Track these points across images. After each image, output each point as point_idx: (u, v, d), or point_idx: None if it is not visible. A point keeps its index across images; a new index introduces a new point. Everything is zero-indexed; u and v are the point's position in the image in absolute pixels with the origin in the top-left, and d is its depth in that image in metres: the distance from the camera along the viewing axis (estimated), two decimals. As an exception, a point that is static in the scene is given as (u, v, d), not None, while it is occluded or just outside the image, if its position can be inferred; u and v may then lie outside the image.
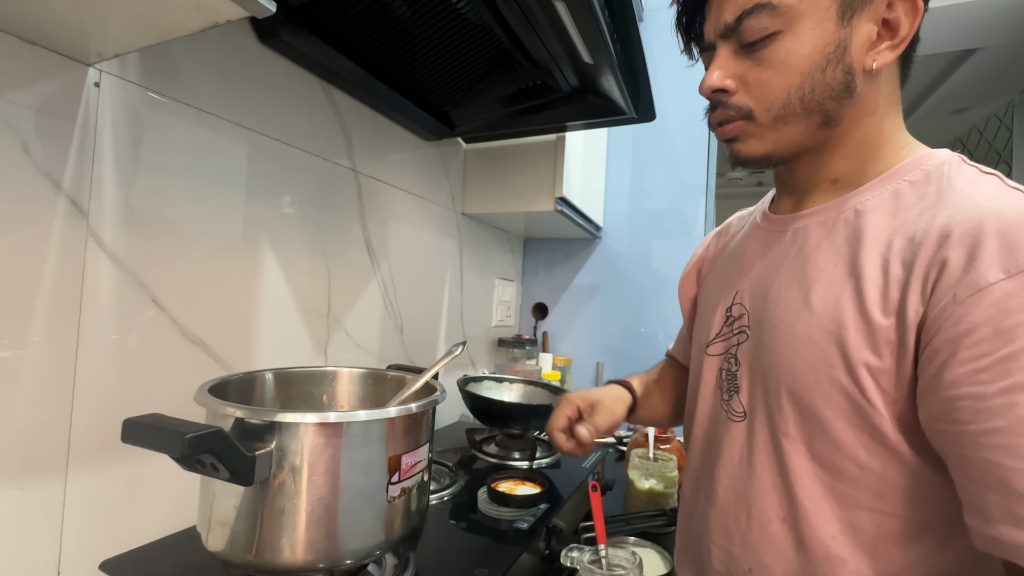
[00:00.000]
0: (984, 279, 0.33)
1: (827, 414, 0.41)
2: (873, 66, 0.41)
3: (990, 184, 0.38)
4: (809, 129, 0.44)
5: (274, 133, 0.73)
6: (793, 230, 0.49)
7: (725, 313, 0.53)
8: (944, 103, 2.92)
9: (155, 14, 0.41)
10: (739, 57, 0.44)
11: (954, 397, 0.33)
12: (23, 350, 0.47)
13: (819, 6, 0.41)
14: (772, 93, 0.43)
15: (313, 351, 0.82)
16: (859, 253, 0.41)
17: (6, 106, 0.45)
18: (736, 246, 0.57)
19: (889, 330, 0.37)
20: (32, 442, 0.48)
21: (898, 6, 0.40)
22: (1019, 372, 0.31)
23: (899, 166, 0.43)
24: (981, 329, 0.32)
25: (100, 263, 0.53)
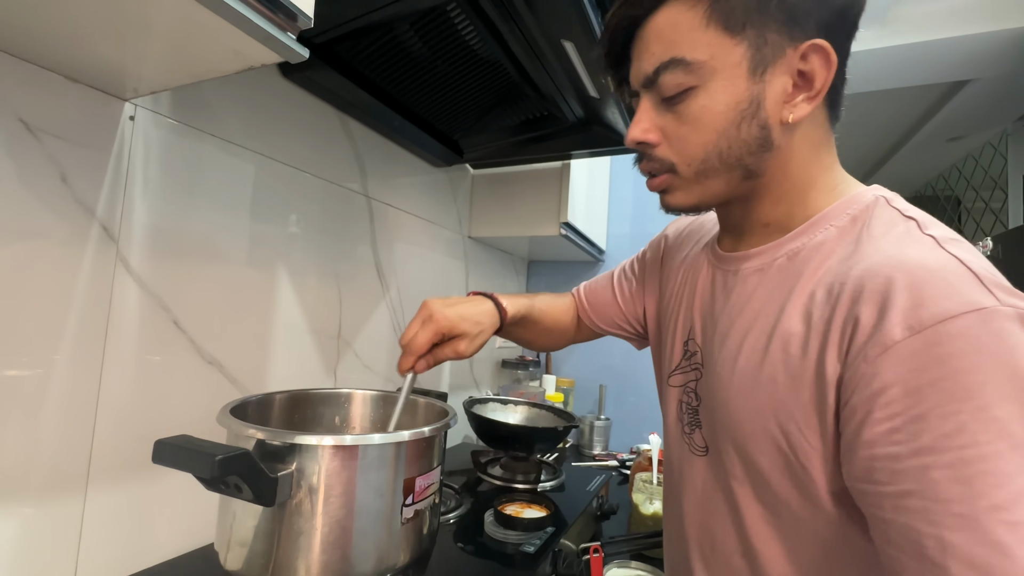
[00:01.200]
0: (890, 338, 0.32)
1: (764, 464, 0.41)
2: (790, 119, 0.41)
3: (906, 232, 0.38)
4: (732, 182, 0.45)
5: (293, 161, 0.76)
6: (735, 271, 0.48)
7: (683, 346, 0.54)
8: (939, 132, 2.98)
9: (194, 58, 0.44)
10: (660, 110, 0.44)
11: (872, 457, 0.32)
12: (51, 369, 0.49)
13: (730, 62, 0.40)
14: (690, 149, 0.44)
15: (323, 372, 0.83)
16: (787, 303, 0.41)
17: (49, 140, 0.48)
18: (690, 274, 0.56)
19: (811, 386, 0.37)
20: (55, 460, 0.50)
21: (812, 59, 0.40)
22: (927, 434, 0.30)
23: (827, 210, 0.43)
24: (892, 389, 0.31)
25: (127, 286, 0.55)
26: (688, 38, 0.41)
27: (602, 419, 1.41)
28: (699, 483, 0.49)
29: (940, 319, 0.30)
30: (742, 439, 0.43)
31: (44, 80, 0.48)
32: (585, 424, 1.39)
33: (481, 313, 0.60)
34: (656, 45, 0.43)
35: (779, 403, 0.39)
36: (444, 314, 0.56)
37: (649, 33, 0.43)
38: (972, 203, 3.20)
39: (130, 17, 0.38)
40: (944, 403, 0.29)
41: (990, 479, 0.28)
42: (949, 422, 0.29)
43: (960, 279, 0.32)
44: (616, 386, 1.55)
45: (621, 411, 1.50)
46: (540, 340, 0.74)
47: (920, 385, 0.30)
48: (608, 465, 1.27)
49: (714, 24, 0.40)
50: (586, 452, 1.38)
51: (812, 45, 0.39)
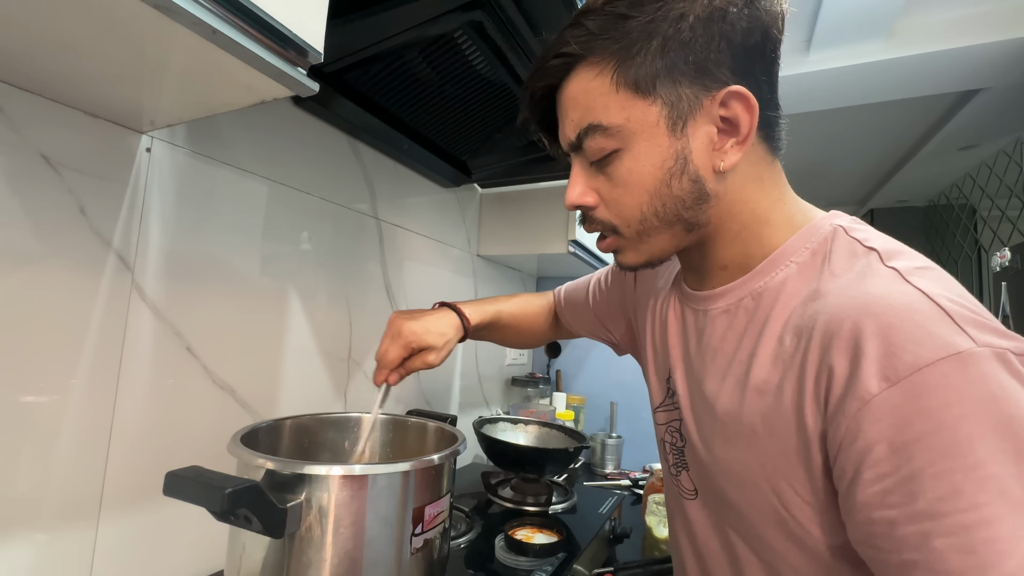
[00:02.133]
0: (868, 391, 0.30)
1: (756, 518, 0.40)
2: (721, 167, 0.40)
3: (868, 265, 0.36)
4: (677, 236, 0.43)
5: (304, 186, 0.77)
6: (703, 311, 0.47)
7: (665, 384, 0.52)
8: (950, 141, 2.95)
9: (208, 94, 0.46)
10: (592, 172, 0.44)
11: (870, 521, 0.31)
12: (67, 396, 0.50)
13: (648, 123, 0.39)
14: (626, 211, 0.43)
15: (333, 394, 0.84)
16: (757, 349, 0.40)
17: (68, 173, 0.50)
18: (661, 306, 0.55)
19: (794, 439, 0.36)
20: (69, 486, 0.50)
21: (732, 104, 0.39)
22: (922, 497, 0.28)
23: (785, 246, 0.42)
24: (877, 447, 0.30)
25: (141, 314, 0.56)
26: (601, 103, 0.40)
27: (614, 437, 1.39)
28: (695, 528, 0.48)
29: (916, 368, 0.29)
30: (733, 494, 0.42)
31: (65, 116, 0.49)
32: (596, 442, 1.37)
33: (445, 325, 0.63)
34: (573, 111, 0.43)
35: (764, 457, 0.38)
36: (411, 329, 0.60)
37: (565, 100, 0.43)
38: (988, 212, 3.15)
39: (148, 58, 0.40)
40: (935, 461, 0.28)
41: (996, 546, 0.26)
42: (943, 483, 0.27)
43: (930, 319, 0.30)
44: (627, 403, 1.53)
45: (633, 429, 1.48)
46: (512, 341, 0.78)
47: (906, 442, 0.29)
48: (620, 484, 1.25)
49: (624, 88, 0.39)
50: (598, 471, 1.36)
51: (729, 92, 0.38)
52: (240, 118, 0.66)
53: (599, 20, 0.40)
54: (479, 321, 0.68)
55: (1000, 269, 1.90)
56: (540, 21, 0.67)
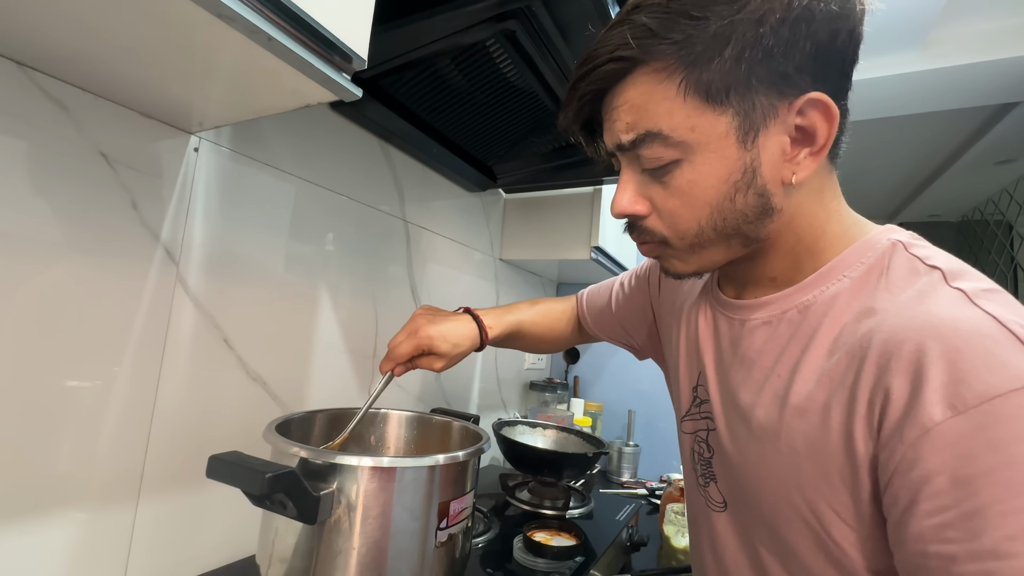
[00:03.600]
0: (930, 418, 0.29)
1: (792, 538, 0.38)
2: (793, 180, 0.37)
3: (931, 284, 0.34)
4: (731, 250, 0.42)
5: (337, 187, 0.80)
6: (740, 321, 0.45)
7: (692, 392, 0.51)
8: (987, 155, 2.87)
9: (256, 97, 0.48)
10: (644, 178, 0.41)
11: (924, 554, 0.29)
12: (113, 381, 0.53)
13: (715, 134, 0.36)
14: (682, 224, 0.40)
15: (358, 390, 0.85)
16: (800, 364, 0.38)
17: (123, 170, 0.53)
18: (691, 313, 0.53)
19: (840, 462, 0.34)
20: (112, 468, 0.53)
21: (810, 113, 0.36)
22: (987, 535, 0.27)
23: (838, 259, 0.40)
24: (938, 478, 0.29)
25: (184, 306, 0.59)
26: (664, 109, 0.37)
27: (631, 445, 1.38)
28: (722, 542, 0.47)
29: (987, 397, 0.27)
30: (766, 510, 0.40)
31: (122, 117, 0.52)
32: (613, 450, 1.37)
33: (462, 335, 0.63)
34: (628, 115, 0.39)
35: (804, 477, 0.37)
36: (427, 332, 0.61)
37: (620, 101, 0.39)
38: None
39: (203, 62, 0.42)
40: (1004, 498, 0.26)
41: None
42: (1012, 521, 0.26)
43: (1001, 346, 0.29)
44: (646, 412, 1.52)
45: (650, 438, 1.47)
46: (533, 348, 0.78)
47: (972, 475, 0.27)
48: (637, 493, 1.24)
49: (692, 96, 0.36)
50: (614, 479, 1.36)
51: (809, 100, 0.35)
52: (280, 121, 0.69)
53: (663, 19, 0.35)
54: (499, 334, 0.68)
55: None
56: (573, 30, 0.68)
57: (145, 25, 0.37)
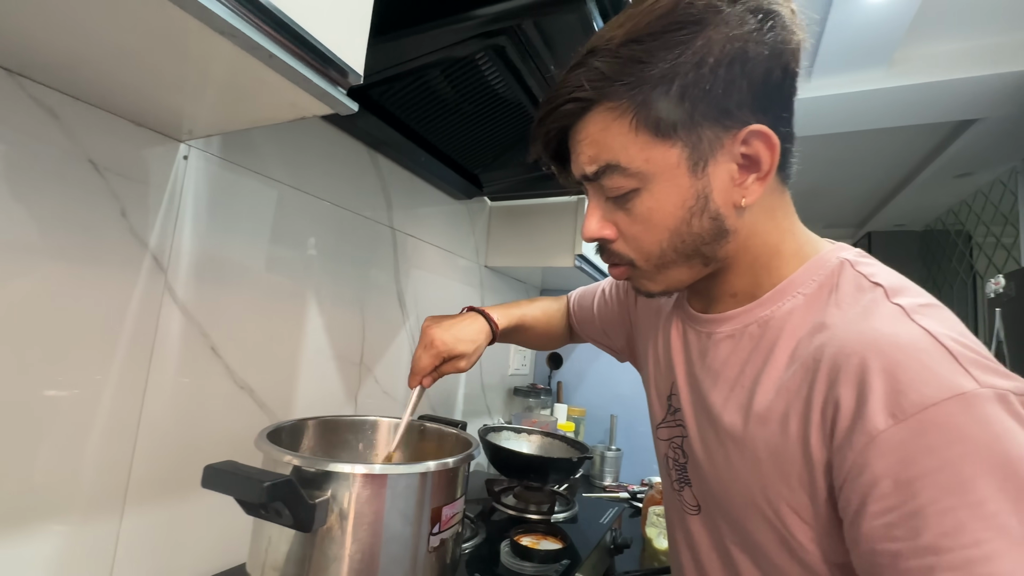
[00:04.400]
0: (875, 427, 0.32)
1: (759, 538, 0.41)
2: (743, 202, 0.41)
3: (874, 301, 0.37)
4: (693, 269, 0.45)
5: (326, 196, 0.80)
6: (707, 334, 0.48)
7: (667, 401, 0.54)
8: (947, 168, 3.01)
9: (252, 108, 0.49)
10: (610, 205, 0.44)
11: (874, 552, 0.32)
12: (99, 390, 0.52)
13: (668, 164, 0.40)
14: (645, 247, 0.44)
15: (345, 397, 0.86)
16: (761, 376, 0.41)
17: (112, 178, 0.52)
18: (663, 325, 0.56)
19: (798, 467, 0.37)
20: (97, 479, 0.52)
21: (754, 143, 0.39)
22: (927, 532, 0.29)
23: (793, 276, 0.43)
24: (883, 482, 0.31)
25: (172, 313, 0.58)
26: (620, 144, 0.40)
27: (613, 449, 1.40)
28: (697, 542, 0.49)
29: (922, 407, 0.30)
30: (735, 512, 0.43)
31: (112, 124, 0.52)
32: (596, 454, 1.39)
33: (475, 332, 0.65)
34: (589, 148, 0.42)
35: (766, 481, 0.39)
36: (443, 339, 0.62)
37: (581, 137, 0.43)
38: (983, 238, 3.20)
39: (201, 74, 0.42)
40: (939, 498, 0.29)
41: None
42: (947, 519, 0.29)
43: (935, 359, 0.32)
44: (627, 416, 1.55)
45: (632, 442, 1.50)
46: (534, 343, 0.81)
47: (911, 478, 0.30)
48: (619, 497, 1.26)
49: (643, 131, 0.39)
50: (597, 483, 1.37)
51: (750, 131, 0.39)
52: (270, 130, 0.69)
53: (614, 63, 0.39)
54: (506, 326, 0.69)
55: (994, 295, 1.94)
56: (560, 46, 0.70)
57: (141, 36, 0.37)
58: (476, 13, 0.58)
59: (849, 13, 1.95)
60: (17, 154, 0.46)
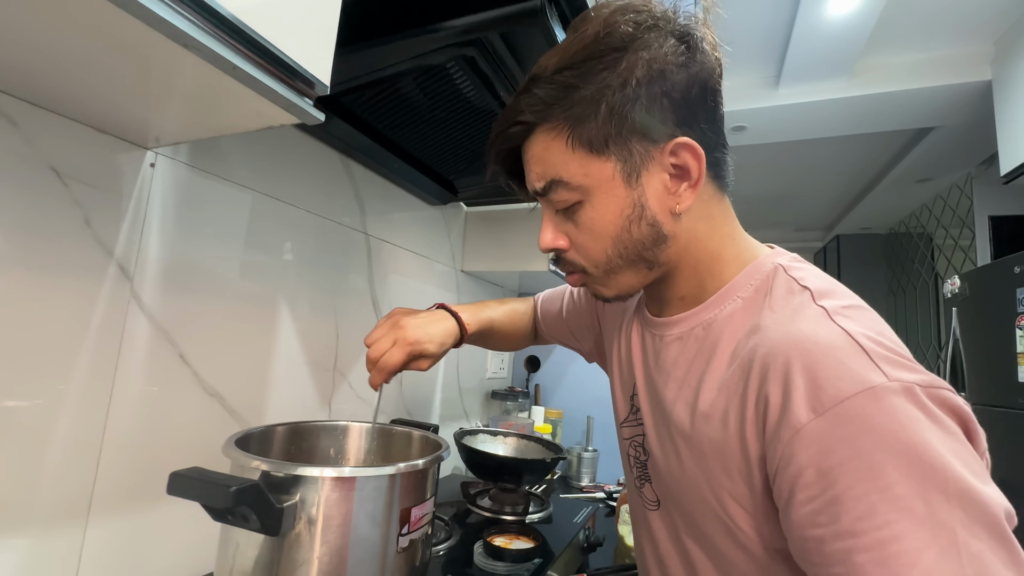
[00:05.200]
0: (798, 420, 0.34)
1: (709, 529, 0.44)
2: (677, 209, 0.44)
3: (801, 304, 0.40)
4: (640, 274, 0.48)
5: (297, 201, 0.80)
6: (660, 336, 0.51)
7: (629, 400, 0.56)
8: (908, 174, 3.14)
9: (218, 118, 0.49)
10: (560, 217, 0.48)
11: (803, 538, 0.34)
12: (61, 401, 0.51)
13: (604, 177, 0.43)
14: (593, 255, 0.47)
15: (318, 403, 0.86)
16: (705, 375, 0.44)
17: (75, 185, 0.52)
18: (626, 328, 0.59)
19: (737, 460, 0.40)
20: (59, 491, 0.51)
21: (681, 153, 0.43)
22: (845, 517, 0.32)
23: (733, 281, 0.46)
24: (807, 471, 0.33)
25: (138, 322, 0.58)
26: (560, 160, 0.44)
27: (590, 451, 1.43)
28: (657, 536, 0.52)
29: (838, 400, 0.33)
30: (686, 506, 0.46)
31: (74, 131, 0.52)
32: (573, 456, 1.41)
33: (444, 333, 0.65)
34: (536, 166, 0.46)
35: (711, 475, 0.42)
36: (415, 336, 0.61)
37: (528, 156, 0.47)
38: (943, 240, 3.35)
39: (161, 84, 0.43)
40: (853, 484, 0.32)
41: (904, 559, 0.30)
42: (861, 504, 0.31)
43: (850, 356, 0.34)
44: (604, 417, 1.57)
45: (609, 443, 1.52)
46: (498, 346, 0.81)
47: (830, 467, 0.32)
48: (595, 497, 1.28)
49: (579, 148, 0.43)
50: (574, 483, 1.39)
51: (676, 143, 0.42)
52: (241, 137, 0.69)
53: (549, 89, 0.43)
54: (475, 330, 0.70)
55: (951, 296, 2.03)
56: (526, 56, 0.72)
57: (100, 46, 0.37)
58: (443, 26, 0.60)
59: (812, 25, 2.03)
60: (-25, 162, 0.45)
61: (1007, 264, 1.65)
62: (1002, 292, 1.67)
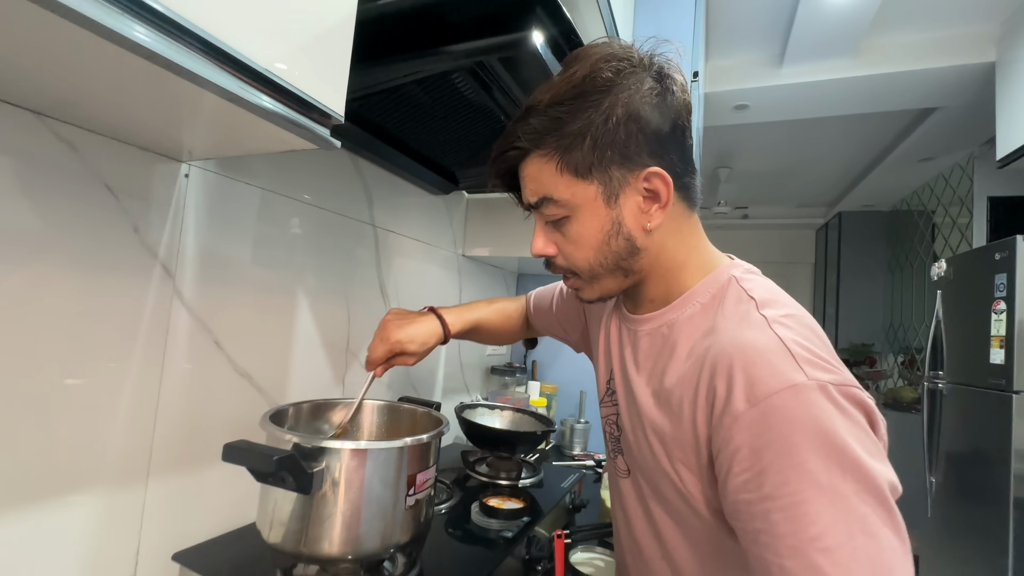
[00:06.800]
0: (737, 409, 0.42)
1: (667, 494, 0.52)
2: (649, 226, 0.52)
3: (746, 313, 0.48)
4: (618, 279, 0.56)
5: (312, 199, 0.88)
6: (634, 331, 0.59)
7: (607, 383, 0.65)
8: (911, 153, 3.14)
9: (247, 142, 0.56)
10: (550, 228, 0.55)
11: (735, 502, 0.42)
12: (122, 381, 0.61)
13: (588, 198, 0.51)
14: (578, 263, 0.55)
15: (333, 381, 0.96)
16: (667, 367, 0.52)
17: (124, 198, 0.60)
18: (606, 321, 0.67)
19: (690, 439, 0.48)
20: (125, 454, 0.62)
21: (653, 180, 0.50)
22: (768, 485, 0.40)
23: (694, 288, 0.54)
24: (743, 450, 0.41)
25: (180, 314, 0.67)
26: (551, 181, 0.51)
27: (582, 422, 1.54)
28: (625, 499, 0.61)
29: (768, 395, 0.41)
30: (649, 472, 0.55)
31: (121, 151, 0.59)
32: (566, 427, 1.52)
33: (427, 334, 0.75)
34: (531, 184, 0.54)
35: (669, 449, 0.51)
36: (397, 337, 0.72)
37: (524, 176, 0.54)
38: (942, 219, 3.37)
39: (193, 116, 0.50)
40: (775, 461, 0.40)
41: (808, 517, 0.38)
42: (780, 476, 0.39)
43: (779, 358, 0.42)
44: (595, 392, 1.68)
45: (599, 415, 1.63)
46: (489, 341, 0.92)
47: (759, 447, 0.41)
48: (585, 464, 1.40)
49: (566, 172, 0.50)
50: (567, 452, 1.51)
51: (649, 172, 0.50)
52: (260, 143, 0.77)
53: (543, 120, 0.50)
54: (459, 330, 0.80)
55: (936, 279, 2.09)
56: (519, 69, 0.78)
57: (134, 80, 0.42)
58: (444, 50, 0.66)
59: (817, 4, 2.02)
60: (45, 185, 0.53)
61: (989, 251, 1.71)
62: (983, 277, 1.73)
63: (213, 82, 0.40)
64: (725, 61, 2.54)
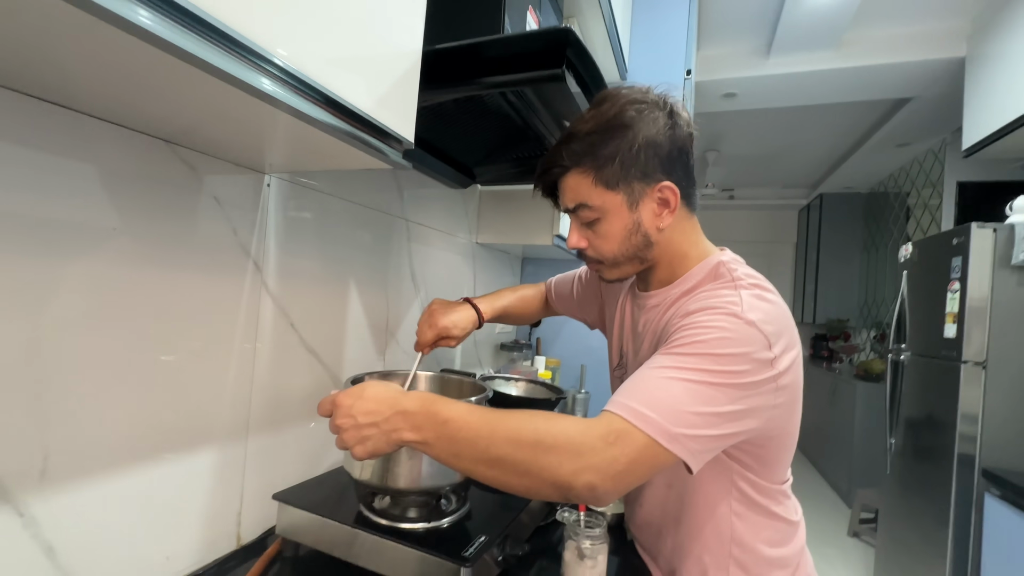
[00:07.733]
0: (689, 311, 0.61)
1: None
2: (660, 226, 0.68)
3: (722, 288, 0.64)
4: (634, 266, 0.72)
5: (361, 200, 1.01)
6: (642, 306, 0.76)
7: (619, 354, 0.81)
8: (889, 138, 3.31)
9: (327, 160, 0.69)
10: (583, 226, 0.71)
11: None
12: (229, 357, 0.75)
13: (615, 205, 0.67)
14: (605, 254, 0.71)
15: (375, 356, 1.10)
16: (666, 323, 0.67)
17: (227, 207, 0.73)
18: (621, 302, 0.83)
19: None
20: (233, 413, 0.76)
21: (665, 191, 0.66)
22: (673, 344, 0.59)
23: (690, 272, 0.70)
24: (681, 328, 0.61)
25: (266, 302, 0.80)
26: (587, 192, 0.67)
27: (582, 393, 1.71)
28: None
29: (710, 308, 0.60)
30: None
31: (223, 167, 0.72)
32: (569, 397, 1.69)
33: (466, 320, 0.92)
34: (569, 194, 0.70)
35: None
36: (443, 323, 0.88)
37: (564, 187, 0.70)
38: (915, 201, 3.56)
39: (285, 140, 0.62)
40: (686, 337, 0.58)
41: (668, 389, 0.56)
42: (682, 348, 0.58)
43: (731, 301, 0.60)
44: (595, 365, 1.85)
45: (599, 386, 1.81)
46: (515, 323, 1.10)
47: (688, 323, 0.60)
48: (587, 429, 1.58)
49: (599, 185, 0.66)
50: (569, 419, 1.68)
51: (661, 186, 0.66)
52: (319, 153, 0.89)
53: (582, 146, 0.67)
54: (491, 317, 0.97)
55: (903, 260, 2.28)
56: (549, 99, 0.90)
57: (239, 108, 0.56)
58: (484, 80, 0.79)
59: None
60: (174, 201, 0.66)
61: (948, 236, 1.89)
62: (942, 260, 1.92)
63: (320, 120, 0.53)
64: (715, 51, 2.65)
